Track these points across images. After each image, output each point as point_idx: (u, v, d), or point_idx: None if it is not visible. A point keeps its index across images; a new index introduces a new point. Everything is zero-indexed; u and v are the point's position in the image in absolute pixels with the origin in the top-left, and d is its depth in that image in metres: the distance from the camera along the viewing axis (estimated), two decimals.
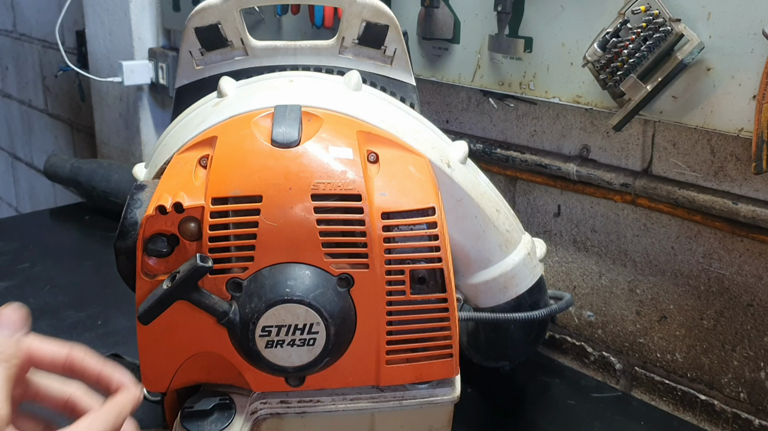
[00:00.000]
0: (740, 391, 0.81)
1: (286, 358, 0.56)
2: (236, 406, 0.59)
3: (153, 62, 1.49)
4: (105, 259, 0.76)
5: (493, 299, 0.74)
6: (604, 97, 0.80)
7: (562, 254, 0.95)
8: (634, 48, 0.74)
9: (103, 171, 1.36)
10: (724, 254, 0.80)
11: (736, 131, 0.71)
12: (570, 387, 0.90)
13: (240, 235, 0.56)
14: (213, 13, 0.69)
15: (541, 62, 0.86)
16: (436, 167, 0.64)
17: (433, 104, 1.06)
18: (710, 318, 0.82)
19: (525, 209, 0.98)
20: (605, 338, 0.93)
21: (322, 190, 0.56)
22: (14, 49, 2.22)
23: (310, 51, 0.71)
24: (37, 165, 2.23)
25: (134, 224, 0.57)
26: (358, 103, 0.65)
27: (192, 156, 0.61)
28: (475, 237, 0.70)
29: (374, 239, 0.56)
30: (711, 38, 0.71)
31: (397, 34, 0.70)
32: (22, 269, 1.16)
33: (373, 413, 0.61)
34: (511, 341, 0.81)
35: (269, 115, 0.61)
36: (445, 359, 0.60)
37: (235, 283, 0.56)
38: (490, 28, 0.89)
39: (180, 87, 0.73)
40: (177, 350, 0.58)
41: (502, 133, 0.98)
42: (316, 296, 0.55)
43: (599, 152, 0.88)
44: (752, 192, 0.76)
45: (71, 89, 1.92)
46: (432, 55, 0.98)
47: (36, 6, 2.01)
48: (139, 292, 0.57)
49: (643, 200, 0.84)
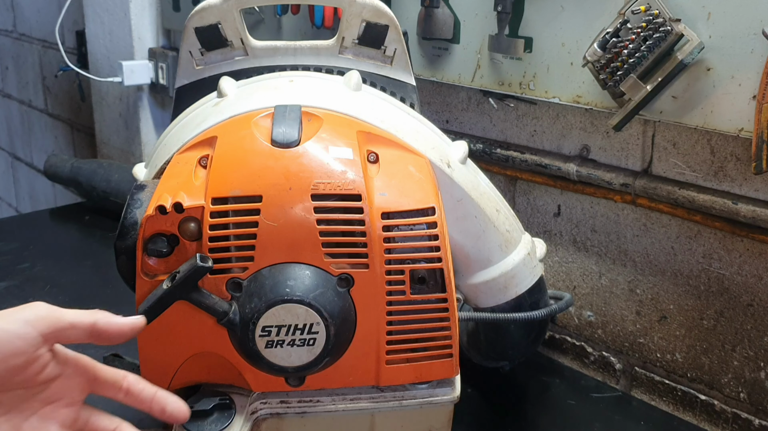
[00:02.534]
0: (740, 391, 0.81)
1: (286, 358, 0.56)
2: (236, 406, 0.59)
3: (153, 62, 1.49)
4: (105, 259, 0.76)
5: (493, 299, 0.74)
6: (604, 97, 0.80)
7: (562, 254, 0.95)
8: (634, 48, 0.74)
9: (103, 171, 1.36)
10: (724, 254, 0.80)
11: (736, 131, 0.71)
12: (570, 387, 0.90)
13: (240, 235, 0.56)
14: (213, 13, 0.69)
15: (541, 62, 0.86)
16: (436, 167, 0.64)
17: (433, 104, 1.06)
18: (710, 318, 0.82)
19: (525, 209, 0.98)
20: (605, 338, 0.93)
21: (322, 190, 0.56)
22: (14, 49, 2.22)
23: (310, 51, 0.71)
24: (37, 165, 2.23)
25: (134, 224, 0.57)
26: (358, 104, 0.65)
27: (192, 156, 0.61)
28: (475, 237, 0.70)
29: (374, 239, 0.56)
30: (711, 38, 0.71)
31: (397, 34, 0.70)
32: (22, 269, 1.16)
33: (373, 413, 0.61)
34: (511, 341, 0.81)
35: (269, 115, 0.61)
36: (445, 359, 0.60)
37: (235, 283, 0.56)
38: (490, 28, 0.89)
39: (180, 87, 0.73)
40: (177, 350, 0.58)
41: (502, 133, 0.98)
42: (316, 296, 0.55)
43: (599, 152, 0.88)
44: (752, 192, 0.76)
45: (71, 89, 1.92)
46: (432, 55, 0.98)
47: (36, 6, 2.01)
48: (139, 292, 0.57)
49: (643, 200, 0.84)
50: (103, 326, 0.53)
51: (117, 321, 0.53)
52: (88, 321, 0.53)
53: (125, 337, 0.54)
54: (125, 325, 0.54)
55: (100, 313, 0.54)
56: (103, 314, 0.54)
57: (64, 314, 0.52)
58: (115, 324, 0.53)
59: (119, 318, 0.54)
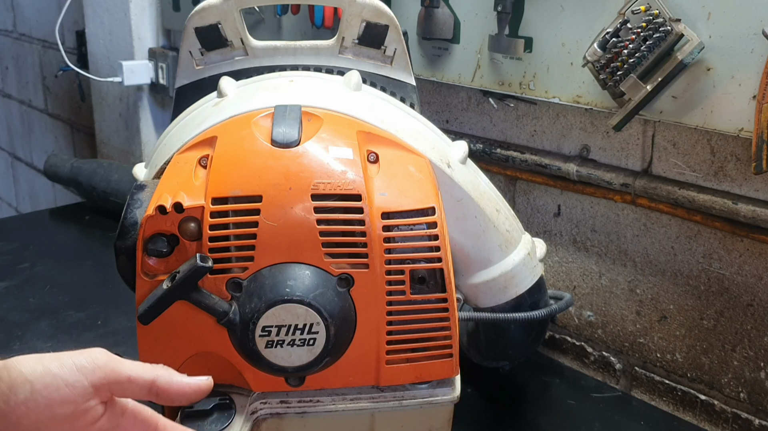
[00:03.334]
0: (740, 391, 0.81)
1: (286, 358, 0.56)
2: (236, 406, 0.59)
3: (153, 62, 1.49)
4: (105, 259, 0.76)
5: (493, 299, 0.74)
6: (604, 97, 0.80)
7: (562, 254, 0.95)
8: (634, 48, 0.74)
9: (103, 171, 1.36)
10: (724, 254, 0.80)
11: (736, 131, 0.71)
12: (570, 387, 0.90)
13: (240, 235, 0.56)
14: (213, 13, 0.69)
15: (541, 62, 0.86)
16: (436, 167, 0.64)
17: (433, 104, 1.06)
18: (710, 318, 0.82)
19: (525, 209, 0.98)
20: (605, 338, 0.93)
21: (322, 190, 0.56)
22: (14, 49, 2.22)
23: (310, 51, 0.71)
24: (37, 165, 2.23)
25: (134, 224, 0.57)
26: (358, 103, 0.65)
27: (192, 156, 0.61)
28: (475, 237, 0.70)
29: (374, 239, 0.56)
30: (711, 38, 0.71)
31: (397, 34, 0.70)
32: (22, 269, 1.16)
33: (373, 413, 0.61)
34: (511, 341, 0.81)
35: (269, 115, 0.61)
36: (445, 359, 0.60)
37: (235, 283, 0.56)
38: (490, 28, 0.89)
39: (180, 87, 0.73)
40: (177, 350, 0.58)
41: (502, 133, 0.98)
42: (316, 296, 0.55)
43: (599, 152, 0.88)
44: (752, 192, 0.76)
45: (71, 89, 1.92)
46: (432, 55, 0.98)
47: (36, 6, 2.01)
48: (139, 292, 0.57)
49: (643, 200, 0.84)
50: (163, 385, 0.49)
51: (179, 380, 0.50)
52: (148, 378, 0.49)
53: (187, 399, 0.50)
54: (187, 386, 0.50)
55: (161, 369, 0.50)
56: (165, 372, 0.50)
57: (123, 367, 0.48)
58: (177, 383, 0.50)
59: (182, 377, 0.50)
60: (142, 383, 0.49)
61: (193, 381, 0.51)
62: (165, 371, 0.50)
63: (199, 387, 0.51)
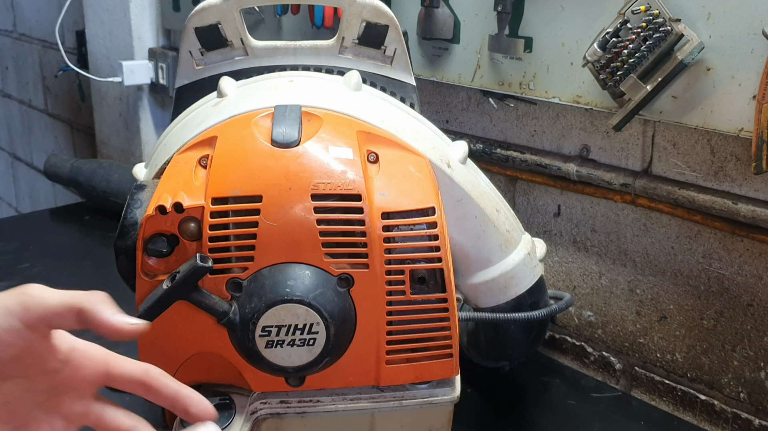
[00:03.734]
0: (740, 391, 0.81)
1: (286, 358, 0.56)
2: (236, 406, 0.59)
3: (153, 62, 1.49)
4: (105, 259, 0.76)
5: (493, 299, 0.74)
6: (604, 97, 0.80)
7: (562, 254, 0.95)
8: (634, 48, 0.74)
9: (103, 171, 1.36)
10: (724, 254, 0.80)
11: (736, 131, 0.71)
12: (570, 387, 0.90)
13: (240, 235, 0.56)
14: (213, 13, 0.69)
15: (541, 62, 0.86)
16: (436, 167, 0.64)
17: (433, 104, 1.06)
18: (710, 318, 0.82)
19: (525, 209, 0.98)
20: (605, 338, 0.93)
21: (322, 190, 0.56)
22: (14, 49, 2.22)
23: (310, 51, 0.71)
24: (37, 165, 2.23)
25: (134, 224, 0.57)
26: (358, 103, 0.65)
27: (192, 156, 0.61)
28: (475, 237, 0.70)
29: (374, 239, 0.56)
30: (711, 38, 0.71)
31: (397, 34, 0.70)
32: (22, 269, 1.16)
33: (373, 413, 0.61)
34: (511, 341, 0.81)
35: (269, 115, 0.61)
36: (445, 359, 0.60)
37: (235, 283, 0.56)
38: (490, 28, 0.89)
39: (180, 87, 0.73)
40: (177, 350, 0.58)
41: (502, 133, 0.98)
42: (316, 296, 0.55)
43: (599, 152, 0.88)
44: (752, 192, 0.76)
45: (71, 89, 1.92)
46: (432, 55, 0.98)
47: (36, 6, 2.02)
48: (139, 292, 0.57)
49: (643, 200, 0.84)
50: (90, 312, 0.47)
51: (107, 311, 0.47)
52: (74, 307, 0.47)
53: (117, 333, 0.48)
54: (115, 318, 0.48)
55: (91, 297, 0.47)
56: (89, 300, 0.47)
57: (49, 302, 0.47)
58: (104, 313, 0.47)
59: (113, 310, 0.48)
60: (69, 314, 0.47)
61: (125, 317, 0.48)
62: (90, 299, 0.47)
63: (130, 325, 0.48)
